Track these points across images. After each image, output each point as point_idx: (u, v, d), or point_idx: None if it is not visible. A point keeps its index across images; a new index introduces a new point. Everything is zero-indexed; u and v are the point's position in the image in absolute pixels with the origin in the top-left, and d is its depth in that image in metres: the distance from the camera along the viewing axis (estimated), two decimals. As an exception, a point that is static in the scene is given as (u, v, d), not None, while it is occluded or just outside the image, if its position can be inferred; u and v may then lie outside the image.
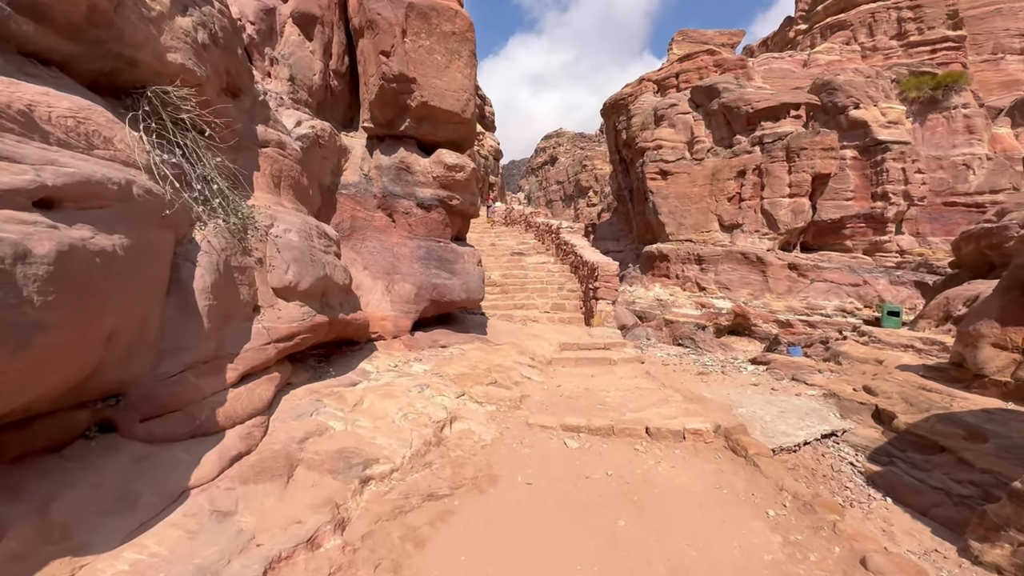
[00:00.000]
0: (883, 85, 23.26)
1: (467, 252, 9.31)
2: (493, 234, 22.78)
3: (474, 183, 8.87)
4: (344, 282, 6.47)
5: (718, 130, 26.47)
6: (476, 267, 9.38)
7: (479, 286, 9.37)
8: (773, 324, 21.70)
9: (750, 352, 21.94)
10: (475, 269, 9.32)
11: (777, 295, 22.34)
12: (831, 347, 14.28)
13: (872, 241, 22.91)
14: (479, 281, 9.39)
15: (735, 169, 24.74)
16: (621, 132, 33.93)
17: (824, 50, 29.99)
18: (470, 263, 9.25)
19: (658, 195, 27.09)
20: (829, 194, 23.24)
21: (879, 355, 12.73)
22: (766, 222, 23.70)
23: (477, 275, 9.35)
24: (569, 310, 14.41)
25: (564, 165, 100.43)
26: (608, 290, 12.55)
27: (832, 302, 20.91)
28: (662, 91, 31.52)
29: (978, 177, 22.06)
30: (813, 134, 22.53)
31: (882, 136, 22.10)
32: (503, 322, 12.80)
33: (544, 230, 20.37)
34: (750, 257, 23.18)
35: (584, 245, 16.50)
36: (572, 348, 10.44)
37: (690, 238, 25.97)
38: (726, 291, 23.46)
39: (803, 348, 15.83)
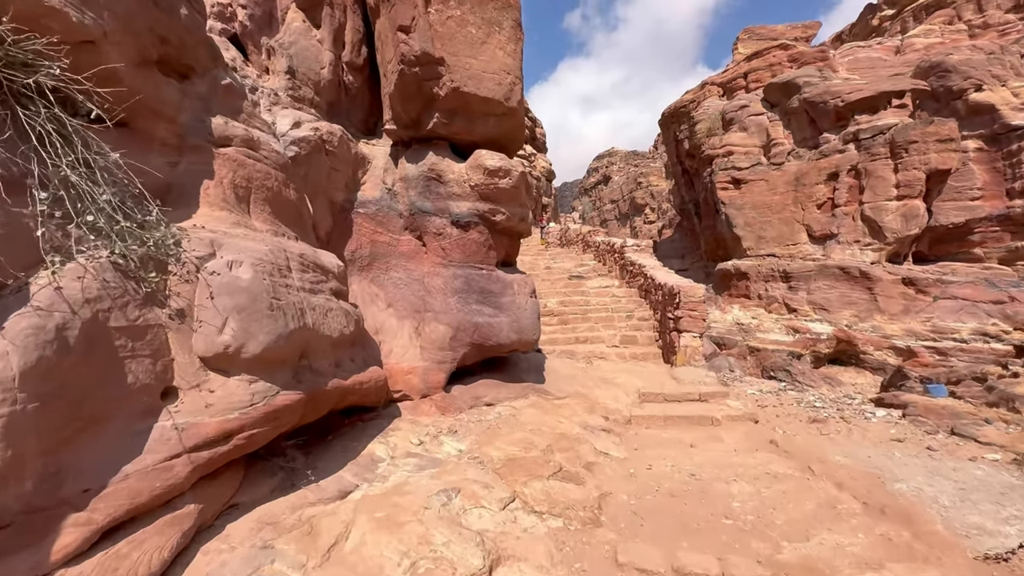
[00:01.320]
0: (1012, 62, 19.43)
1: (517, 281, 7.24)
2: (548, 256, 20.73)
3: (524, 192, 6.87)
4: (344, 332, 4.57)
5: (800, 130, 23.28)
6: (529, 299, 7.28)
7: (533, 323, 7.25)
8: (889, 352, 18.04)
9: (863, 387, 18.30)
10: (527, 302, 7.23)
11: (890, 316, 18.67)
12: (994, 386, 10.96)
13: (1012, 248, 18.82)
14: (533, 317, 7.27)
15: (825, 172, 21.44)
16: (683, 142, 31.22)
17: (921, 32, 26.15)
18: (521, 295, 7.17)
19: (731, 206, 24.09)
20: (949, 194, 19.46)
21: (1077, 400, 9.40)
22: (868, 230, 20.17)
23: (530, 309, 7.24)
24: (642, 343, 11.99)
25: (618, 184, 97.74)
26: (694, 320, 10.07)
27: (967, 324, 17.07)
28: (728, 94, 28.66)
29: None
30: (925, 124, 18.99)
31: (1017, 120, 18.25)
32: (563, 361, 10.57)
33: (605, 250, 18.07)
34: (851, 272, 19.68)
35: (655, 265, 14.07)
36: (656, 399, 8.05)
37: (772, 252, 22.71)
38: (823, 312, 20.00)
39: (947, 386, 12.47)
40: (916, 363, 15.47)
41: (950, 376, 13.24)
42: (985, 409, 10.86)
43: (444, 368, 6.43)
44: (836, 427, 11.07)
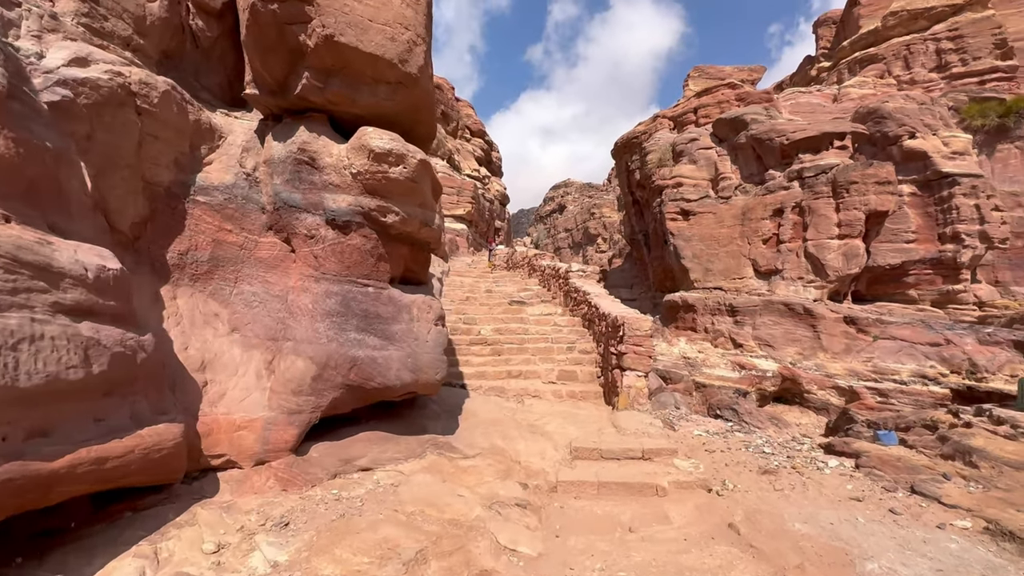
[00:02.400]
0: (940, 112, 19.88)
1: (418, 304, 5.48)
2: (491, 279, 19.11)
3: (428, 189, 5.21)
4: (75, 376, 2.67)
5: (747, 165, 23.10)
6: (432, 328, 5.52)
7: (436, 359, 5.49)
8: (832, 392, 17.37)
9: (808, 428, 17.50)
10: (430, 332, 5.47)
11: (832, 355, 18.11)
12: (947, 436, 10.10)
13: (943, 291, 18.83)
14: (437, 351, 5.51)
15: (770, 207, 21.13)
16: (634, 172, 30.84)
17: (856, 84, 27.01)
18: (421, 321, 5.41)
19: (680, 237, 23.45)
20: (886, 235, 19.42)
21: (1041, 457, 8.57)
22: (811, 267, 19.80)
23: (433, 341, 5.48)
24: (582, 379, 10.42)
25: (572, 213, 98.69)
26: (638, 357, 8.60)
27: (907, 365, 16.63)
28: (679, 128, 28.56)
29: (1068, 216, 18.21)
30: (865, 166, 18.97)
31: (948, 168, 18.48)
32: (489, 401, 8.81)
33: (550, 274, 16.63)
34: (796, 309, 19.13)
35: (600, 293, 12.68)
36: (591, 456, 6.40)
37: (719, 285, 22.08)
38: (768, 348, 19.28)
39: (897, 433, 11.61)
40: (861, 406, 14.73)
41: (899, 422, 12.44)
42: (941, 462, 9.89)
43: (298, 421, 4.53)
44: (789, 479, 9.76)
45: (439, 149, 37.37)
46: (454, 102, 45.14)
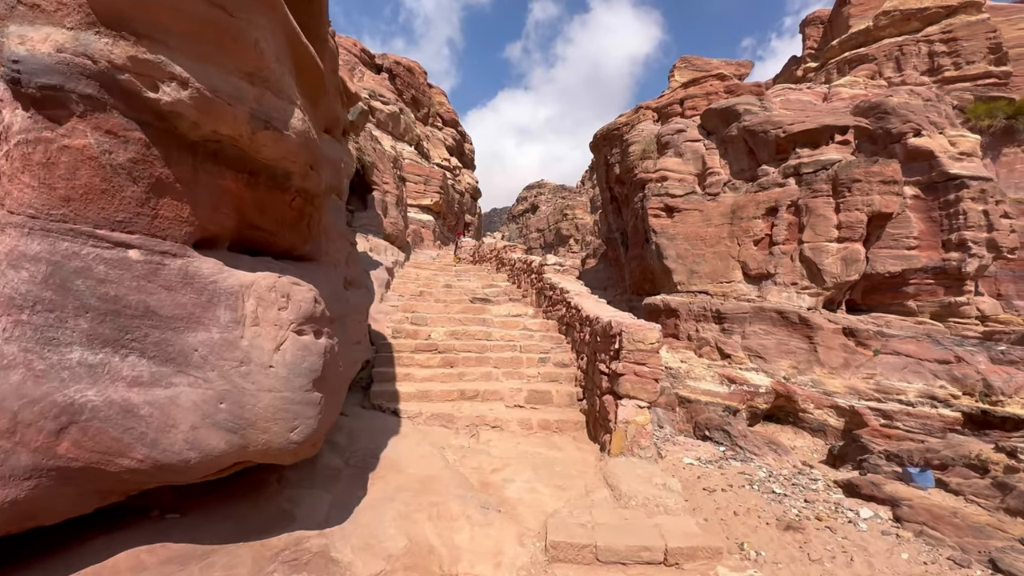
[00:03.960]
0: (946, 111, 18.23)
1: (256, 292, 2.70)
2: (453, 273, 16.34)
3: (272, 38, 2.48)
4: None
5: (737, 160, 21.06)
6: (286, 342, 2.74)
7: (291, 403, 2.72)
8: (830, 411, 15.35)
9: (804, 451, 15.42)
10: (279, 349, 2.69)
11: (830, 370, 16.12)
12: (1009, 484, 7.97)
13: (944, 302, 17.13)
14: (293, 386, 2.74)
15: (763, 206, 19.09)
16: (614, 166, 28.58)
17: (847, 83, 25.41)
18: (261, 328, 2.64)
19: (663, 235, 21.22)
20: (886, 241, 17.61)
21: None
22: (806, 272, 17.83)
23: (287, 368, 2.71)
24: (559, 403, 7.82)
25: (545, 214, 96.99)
26: (641, 380, 6.03)
27: (913, 384, 14.73)
28: (663, 119, 26.42)
29: (1077, 226, 16.77)
30: (870, 163, 17.09)
31: (955, 170, 16.78)
32: (428, 438, 6.08)
33: (521, 269, 14.01)
34: (790, 318, 17.09)
35: (582, 292, 10.12)
36: (581, 558, 3.78)
37: (705, 289, 19.93)
38: (759, 360, 17.18)
39: (933, 471, 9.50)
40: (879, 433, 12.64)
41: (929, 457, 10.35)
42: (1008, 520, 7.72)
43: None
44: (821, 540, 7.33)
45: (407, 133, 34.32)
46: (426, 88, 42.04)
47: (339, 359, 3.38)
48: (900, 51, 25.51)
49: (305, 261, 3.60)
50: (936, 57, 24.63)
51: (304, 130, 2.59)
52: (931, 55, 24.82)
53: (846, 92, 24.80)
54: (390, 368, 8.12)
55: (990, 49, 23.45)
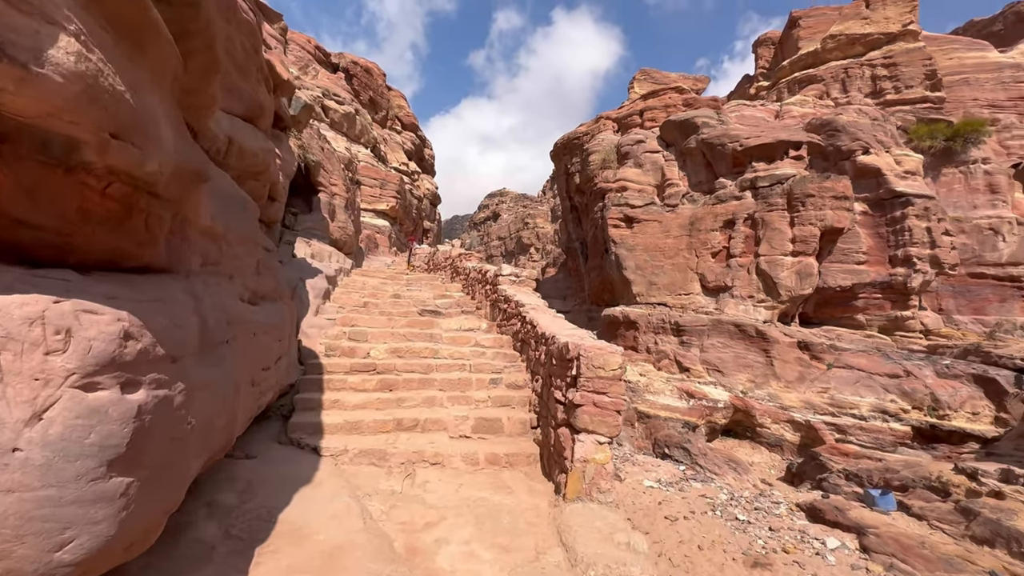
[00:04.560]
0: (891, 130, 18.76)
1: (4, 317, 1.70)
2: (404, 282, 15.26)
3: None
4: None
5: (696, 172, 21.01)
6: (79, 408, 1.76)
7: (77, 507, 1.73)
8: (786, 426, 15.19)
9: (762, 468, 15.15)
10: (63, 415, 1.70)
11: (786, 383, 16.02)
12: (974, 510, 7.69)
13: (891, 316, 17.45)
14: (83, 475, 1.76)
15: (721, 218, 19.02)
16: (574, 175, 28.23)
17: (797, 102, 26.10)
18: (14, 387, 1.64)
19: (622, 246, 20.86)
20: (837, 255, 17.82)
21: (1126, 555, 6.23)
22: (762, 286, 17.80)
23: (74, 449, 1.72)
24: (511, 432, 6.95)
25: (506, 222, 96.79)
26: (602, 413, 5.24)
27: (866, 398, 14.75)
28: (623, 130, 26.30)
29: (1009, 245, 17.48)
30: (822, 178, 17.26)
31: (901, 187, 17.19)
32: (350, 484, 5.07)
33: (475, 279, 13.12)
34: (747, 331, 16.95)
35: (538, 306, 9.32)
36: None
37: (664, 301, 19.64)
38: (717, 374, 16.93)
39: (895, 493, 9.21)
40: (832, 450, 12.43)
41: (888, 477, 10.10)
42: (975, 548, 7.39)
43: None
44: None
45: (363, 135, 32.89)
46: (384, 90, 40.73)
47: (191, 411, 2.38)
48: (846, 73, 26.42)
49: (151, 273, 2.59)
50: (878, 80, 25.63)
51: (86, 73, 1.63)
52: (874, 78, 25.80)
53: (797, 111, 25.41)
54: (317, 393, 7.02)
55: (926, 75, 24.58)
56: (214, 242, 3.81)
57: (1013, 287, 17.12)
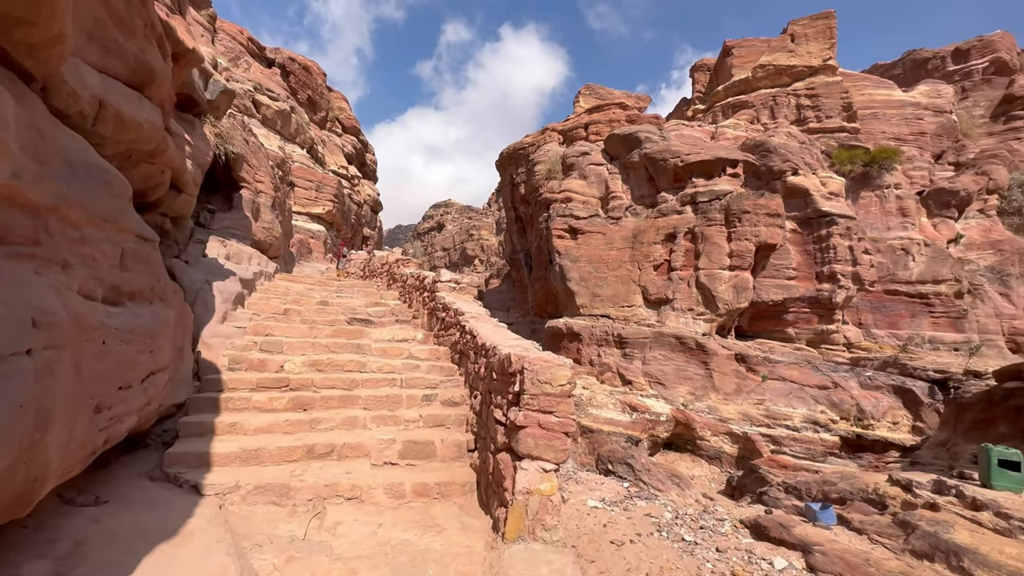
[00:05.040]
0: (816, 154, 19.80)
1: None
2: (335, 289, 13.98)
3: None
4: None
5: (638, 186, 21.21)
6: None
7: None
8: (725, 438, 15.24)
9: (703, 481, 15.07)
10: None
11: (724, 396, 16.15)
12: (912, 523, 7.70)
13: (818, 330, 18.19)
14: None
15: (662, 232, 19.20)
16: (520, 185, 27.91)
17: (731, 125, 27.30)
18: None
19: (567, 257, 20.59)
20: (770, 270, 18.42)
21: (1056, 566, 6.31)
22: (701, 298, 18.03)
23: None
24: (444, 455, 6.08)
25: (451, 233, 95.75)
26: (548, 436, 4.53)
27: (798, 410, 15.08)
28: (568, 142, 26.33)
29: (918, 264, 18.80)
30: (757, 196, 17.83)
31: (826, 208, 18.07)
32: (243, 524, 4.01)
33: (413, 285, 12.17)
34: (687, 343, 17.02)
35: (479, 314, 8.56)
36: None
37: (607, 313, 19.47)
38: (659, 387, 16.83)
39: (835, 507, 9.18)
40: (772, 463, 12.46)
41: (827, 490, 10.13)
42: (915, 563, 7.34)
43: None
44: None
45: (299, 135, 30.98)
46: (324, 90, 38.87)
47: None
48: (774, 101, 28.02)
49: None
50: (802, 109, 27.36)
51: None
52: (799, 107, 27.52)
53: (731, 133, 26.53)
54: (211, 415, 5.83)
55: (844, 107, 26.51)
56: (30, 215, 2.76)
57: (922, 303, 18.40)
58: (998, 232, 20.42)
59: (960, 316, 18.02)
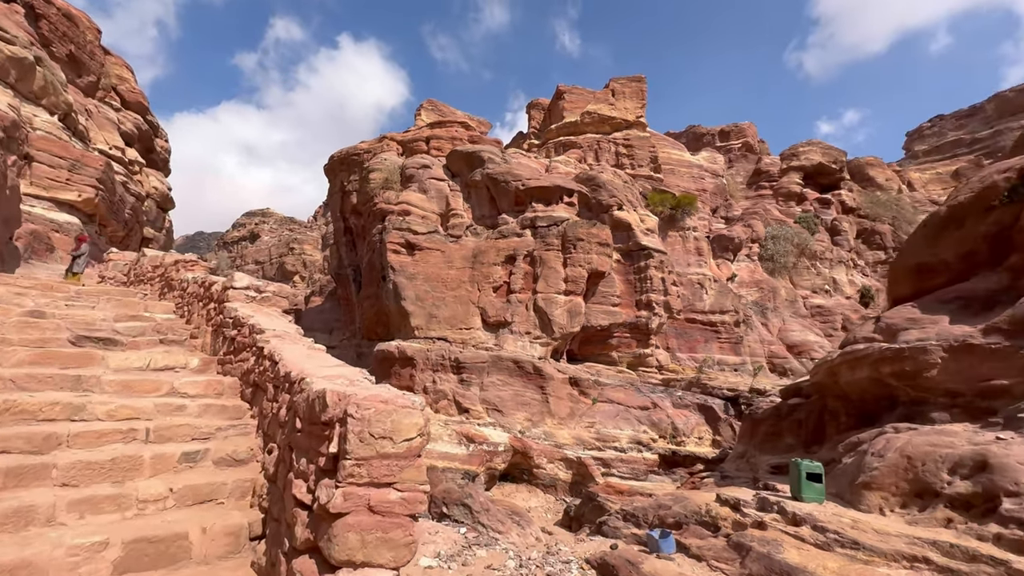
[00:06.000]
0: (636, 193, 21.81)
1: None
2: (67, 296, 9.78)
3: None
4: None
5: (480, 205, 20.62)
6: None
7: None
8: (560, 464, 14.90)
9: (538, 511, 14.28)
10: None
11: (559, 420, 15.95)
12: (745, 544, 7.74)
13: (636, 354, 19.56)
14: None
15: (503, 253, 18.76)
16: (352, 194, 25.17)
17: (563, 161, 28.95)
18: None
19: (402, 273, 18.73)
20: (598, 297, 19.30)
21: (866, 573, 6.66)
22: (539, 322, 17.90)
23: None
24: (204, 559, 3.77)
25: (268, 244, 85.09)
26: (383, 524, 2.81)
27: (624, 431, 15.59)
28: (408, 153, 24.74)
29: (710, 297, 21.78)
30: (590, 225, 18.61)
31: (645, 242, 19.79)
32: None
33: (195, 295, 9.05)
34: (525, 367, 16.55)
35: (286, 333, 6.31)
36: None
37: (444, 336, 18.06)
38: (496, 414, 15.90)
39: (674, 532, 9.02)
40: (608, 489, 12.24)
41: (663, 515, 10.06)
42: (756, 589, 7.30)
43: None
44: None
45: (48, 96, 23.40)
46: (98, 51, 30.72)
47: None
48: (599, 145, 30.77)
49: None
50: (620, 156, 30.56)
51: None
52: (617, 153, 30.68)
53: (562, 168, 28.07)
54: None
55: (651, 159, 30.40)
56: None
57: (712, 330, 21.30)
58: (759, 273, 25.12)
59: (738, 341, 21.28)
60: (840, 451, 9.28)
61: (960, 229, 9.47)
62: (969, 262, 9.36)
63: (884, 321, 9.91)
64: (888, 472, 7.87)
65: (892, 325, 9.76)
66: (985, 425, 7.78)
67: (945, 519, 7.07)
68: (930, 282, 9.93)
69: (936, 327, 9.05)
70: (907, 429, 8.41)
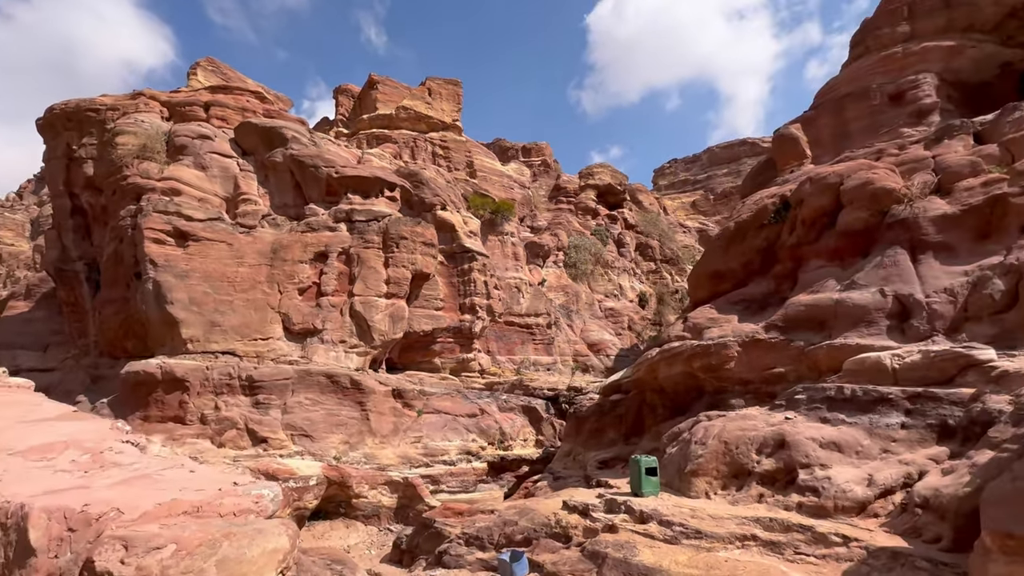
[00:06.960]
0: (459, 194, 21.28)
1: None
2: None
3: None
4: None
5: (281, 192, 17.30)
6: None
7: None
8: (384, 489, 13.09)
9: (358, 549, 12.09)
10: None
11: (382, 439, 14.17)
12: (600, 552, 7.43)
13: (460, 359, 18.93)
14: None
15: (312, 249, 15.99)
16: (85, 161, 18.52)
17: (377, 154, 26.81)
18: None
19: (168, 270, 14.34)
20: (421, 301, 18.05)
21: (711, 561, 6.90)
22: (356, 329, 15.75)
23: None
24: None
25: (-71, 227, 60.20)
26: None
27: (453, 442, 14.70)
28: (178, 119, 19.39)
29: (527, 300, 22.52)
30: (415, 223, 17.26)
31: (468, 244, 19.34)
32: None
33: None
34: (341, 382, 14.28)
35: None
36: None
37: (232, 348, 14.40)
38: (305, 440, 13.24)
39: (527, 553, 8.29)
40: (447, 512, 10.96)
41: (509, 532, 9.33)
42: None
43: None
44: None
45: None
46: None
47: None
48: (415, 143, 29.49)
49: None
50: (437, 157, 29.83)
51: None
52: (434, 154, 29.87)
53: (377, 162, 25.92)
54: None
55: (468, 164, 30.49)
56: None
57: (527, 332, 22.08)
58: (565, 279, 27.26)
59: (550, 342, 22.51)
60: (664, 441, 10.06)
61: (743, 242, 11.40)
62: (749, 270, 11.34)
63: (691, 321, 11.28)
64: (711, 458, 8.70)
65: (697, 324, 11.12)
66: (772, 407, 9.28)
67: (758, 494, 8.05)
68: (722, 286, 11.73)
69: (731, 325, 10.59)
70: (717, 416, 9.53)
